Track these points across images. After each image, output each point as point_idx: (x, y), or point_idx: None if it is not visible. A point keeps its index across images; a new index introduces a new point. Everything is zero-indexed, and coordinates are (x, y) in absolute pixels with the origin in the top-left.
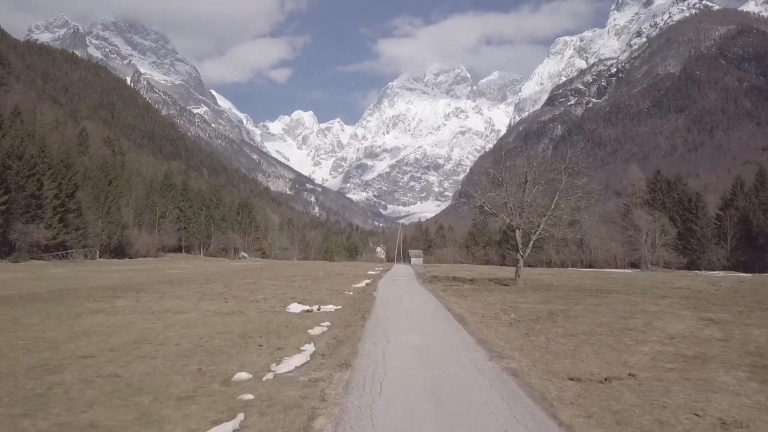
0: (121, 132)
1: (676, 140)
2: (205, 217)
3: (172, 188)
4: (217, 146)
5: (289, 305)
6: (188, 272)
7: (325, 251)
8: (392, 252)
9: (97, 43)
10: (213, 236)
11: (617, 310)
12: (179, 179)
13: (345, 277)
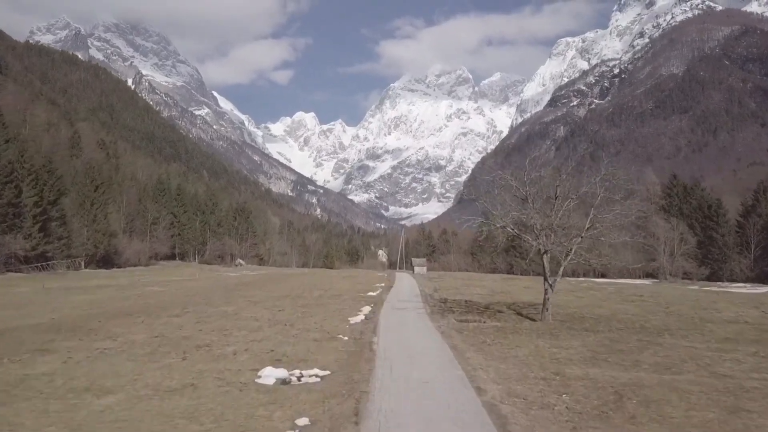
0: (120, 134)
1: (680, 141)
2: (200, 222)
3: (166, 193)
4: (219, 148)
5: (262, 369)
6: (169, 291)
7: (325, 256)
8: (394, 255)
9: (98, 45)
10: (208, 243)
11: (704, 385)
12: (174, 183)
13: (341, 301)
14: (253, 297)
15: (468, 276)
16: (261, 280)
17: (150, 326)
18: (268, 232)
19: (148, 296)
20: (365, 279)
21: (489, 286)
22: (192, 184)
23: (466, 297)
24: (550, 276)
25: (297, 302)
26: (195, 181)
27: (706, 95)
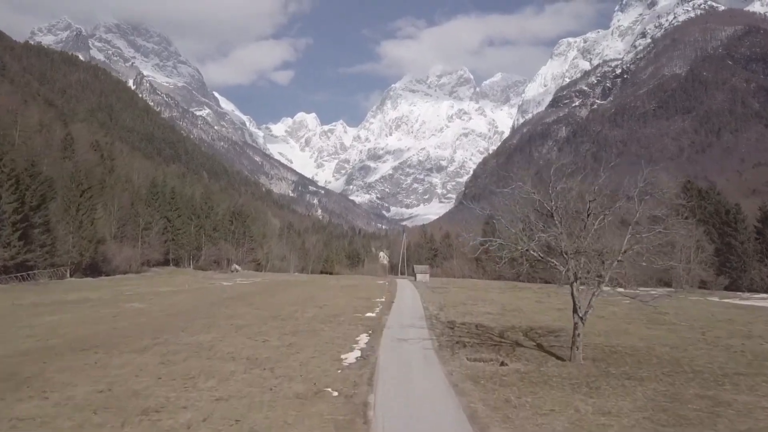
0: (118, 135)
1: (683, 142)
2: (194, 227)
3: (159, 196)
4: (220, 148)
5: None
6: (149, 310)
7: (325, 260)
8: (395, 258)
9: (99, 46)
10: (204, 248)
11: None
12: (171, 185)
13: (336, 326)
14: (238, 318)
15: (473, 285)
16: (252, 293)
17: (102, 370)
18: (267, 236)
19: (124, 316)
20: (365, 290)
21: (498, 300)
22: (190, 187)
23: (476, 317)
24: (580, 308)
25: (285, 327)
26: (193, 183)
27: (710, 95)
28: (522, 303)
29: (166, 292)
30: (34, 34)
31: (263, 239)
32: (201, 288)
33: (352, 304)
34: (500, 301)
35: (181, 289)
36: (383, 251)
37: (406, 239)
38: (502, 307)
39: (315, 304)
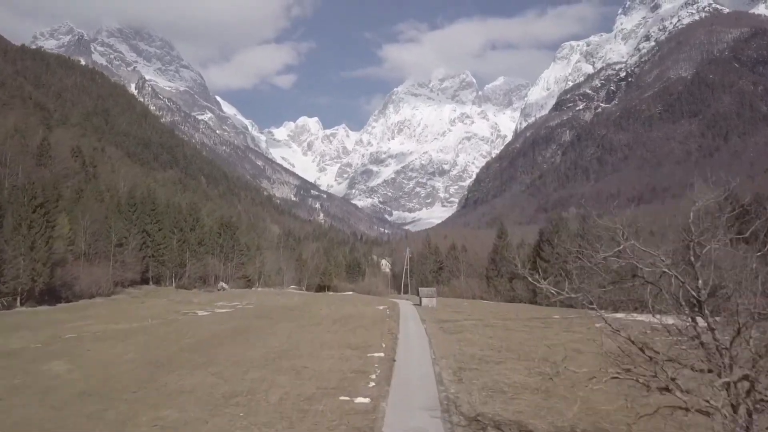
0: (113, 140)
1: (690, 146)
2: (177, 241)
3: (138, 207)
4: (222, 152)
5: None
6: (67, 377)
7: (322, 273)
8: (398, 266)
9: (102, 50)
10: (188, 264)
11: None
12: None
13: (314, 425)
14: (169, 407)
15: (488, 312)
16: (221, 337)
17: None
18: (262, 247)
19: (22, 390)
20: (362, 332)
21: (528, 341)
22: (180, 194)
23: (510, 400)
24: None
25: (237, 425)
26: (184, 191)
27: (716, 98)
28: (555, 335)
29: (117, 332)
30: (36, 38)
31: (257, 251)
32: (166, 323)
33: (341, 368)
34: (531, 343)
35: (142, 324)
36: (385, 259)
37: (409, 255)
38: (544, 358)
39: (293, 364)
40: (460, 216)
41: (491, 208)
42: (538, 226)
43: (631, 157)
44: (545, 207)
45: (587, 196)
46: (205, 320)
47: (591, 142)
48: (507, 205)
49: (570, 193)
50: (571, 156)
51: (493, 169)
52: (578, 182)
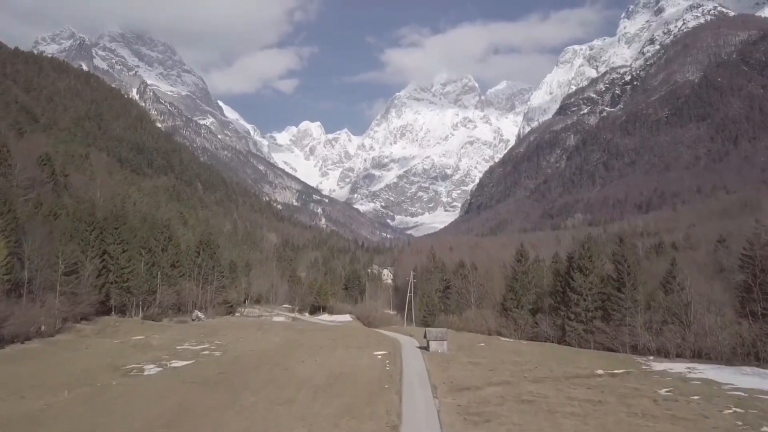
0: (105, 145)
1: (698, 150)
2: (146, 264)
3: (96, 227)
4: (223, 157)
5: None
6: None
7: (317, 293)
8: (400, 278)
9: (103, 55)
10: (158, 290)
11: None
12: (143, 204)
13: None
14: None
15: (515, 360)
16: None
17: None
18: (253, 262)
19: None
20: (350, 421)
21: None
22: (165, 206)
23: None
24: None
25: None
26: (177, 199)
27: (725, 102)
28: None
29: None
30: (37, 43)
31: (245, 268)
32: (85, 398)
33: None
34: None
35: (48, 403)
36: (387, 269)
37: (413, 279)
38: None
39: None
40: (463, 221)
41: (495, 214)
42: (545, 233)
43: (638, 162)
44: (551, 213)
45: (594, 202)
46: (141, 391)
47: (596, 147)
48: (511, 210)
49: (576, 198)
50: (577, 161)
51: (497, 174)
52: (584, 188)
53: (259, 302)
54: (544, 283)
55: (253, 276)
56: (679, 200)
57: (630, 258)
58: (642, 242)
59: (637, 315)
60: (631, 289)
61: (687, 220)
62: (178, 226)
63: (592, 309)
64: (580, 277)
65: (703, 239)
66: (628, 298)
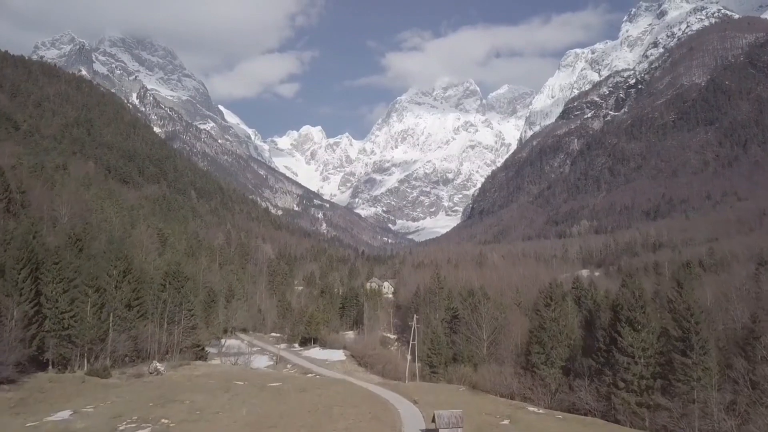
0: (92, 152)
1: (707, 155)
2: (93, 306)
3: (27, 263)
4: (224, 162)
5: None
6: None
7: (308, 322)
8: (402, 295)
9: (103, 60)
10: (110, 336)
11: None
12: (118, 221)
13: None
14: None
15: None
16: None
17: None
18: (236, 290)
19: None
20: None
21: None
22: (139, 225)
23: None
24: None
25: None
26: (167, 210)
27: (733, 105)
28: None
29: None
30: (37, 48)
31: (229, 295)
32: None
33: None
34: None
35: None
36: (388, 281)
37: (417, 324)
38: None
39: None
40: (465, 227)
41: (498, 220)
42: (551, 242)
43: (645, 167)
44: (555, 219)
45: (599, 208)
46: None
47: (601, 152)
48: (515, 216)
49: (581, 204)
50: (581, 166)
51: (499, 179)
52: (589, 193)
53: (245, 330)
54: (575, 333)
55: (238, 302)
56: (688, 207)
57: (694, 308)
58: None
59: (711, 389)
60: (700, 353)
61: (702, 229)
62: (154, 247)
63: (647, 376)
64: (630, 334)
65: (728, 255)
66: (698, 365)
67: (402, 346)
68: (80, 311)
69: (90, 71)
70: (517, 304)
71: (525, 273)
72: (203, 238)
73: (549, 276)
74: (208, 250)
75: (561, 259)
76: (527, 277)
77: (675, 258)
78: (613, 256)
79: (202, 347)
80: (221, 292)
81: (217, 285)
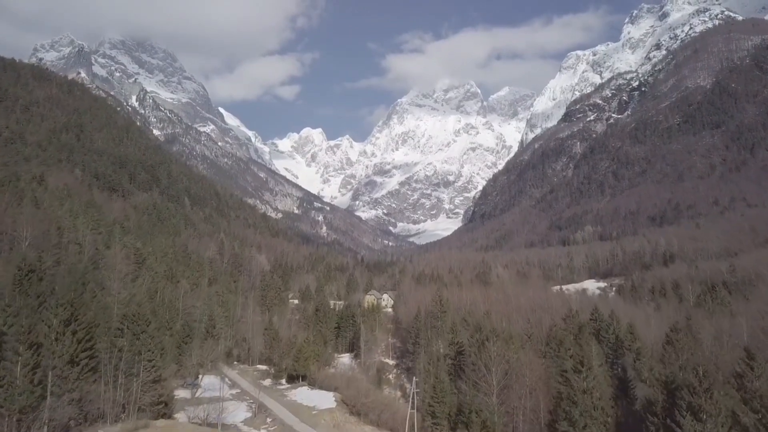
0: (80, 159)
1: (713, 159)
2: (24, 366)
3: None
4: (223, 165)
5: None
6: None
7: (296, 357)
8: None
9: (103, 62)
10: (47, 400)
11: None
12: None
13: None
14: None
15: None
16: None
17: None
18: (218, 322)
19: None
20: None
21: None
22: (114, 245)
23: None
24: None
25: None
26: (157, 221)
27: (740, 108)
28: None
29: None
30: (36, 50)
31: (210, 323)
32: None
33: None
34: None
35: None
36: (387, 293)
37: (415, 386)
38: None
39: None
40: (467, 231)
41: (500, 224)
42: (555, 249)
43: (650, 172)
44: (558, 224)
45: (604, 214)
46: None
47: (605, 155)
48: (517, 221)
49: (584, 209)
50: (584, 169)
51: (501, 182)
52: (593, 198)
53: (230, 356)
54: (608, 403)
55: (222, 329)
56: (695, 212)
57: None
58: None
59: None
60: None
61: (713, 238)
62: (130, 269)
63: None
64: (693, 425)
65: (752, 273)
66: None
67: (401, 374)
68: (8, 374)
69: (89, 73)
70: (528, 335)
71: (534, 296)
72: (193, 251)
73: (562, 303)
74: (197, 264)
75: (566, 268)
76: (536, 300)
77: (692, 274)
78: (621, 266)
79: (166, 403)
80: (202, 320)
81: (201, 309)
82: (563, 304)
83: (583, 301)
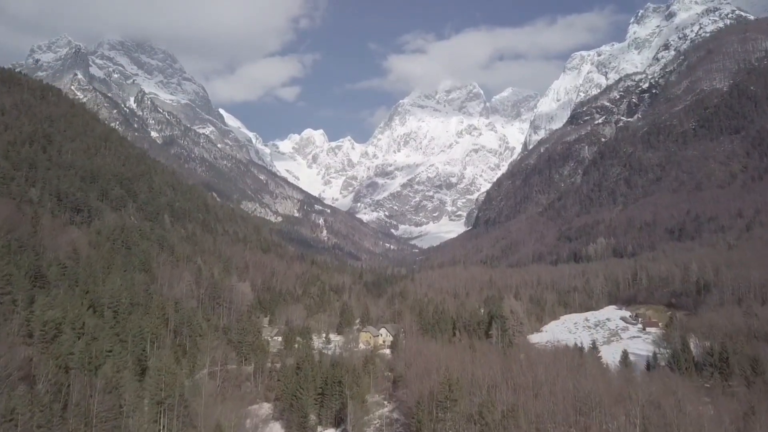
0: (42, 176)
1: (733, 167)
2: None
3: None
4: (222, 167)
5: None
6: None
7: None
8: (401, 366)
9: (100, 63)
10: None
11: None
12: None
13: None
14: None
15: None
16: None
17: None
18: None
19: None
20: None
21: None
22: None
23: None
24: None
25: None
26: (87, 265)
27: (760, 112)
28: None
29: None
30: (33, 51)
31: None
32: None
33: None
34: None
35: None
36: (385, 327)
37: None
38: None
39: None
40: (471, 237)
41: (506, 232)
42: (569, 266)
43: (665, 179)
44: (568, 235)
45: (617, 224)
46: None
47: (616, 161)
48: (523, 229)
49: (595, 219)
50: (594, 176)
51: (505, 187)
52: (604, 206)
53: None
54: None
55: None
56: (717, 226)
57: None
58: None
59: None
60: None
61: (750, 256)
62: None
63: None
64: None
65: None
66: None
67: None
68: None
69: (87, 75)
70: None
71: (570, 375)
72: (155, 291)
73: (606, 385)
74: (158, 309)
75: (583, 292)
76: (572, 378)
77: (752, 325)
78: (646, 292)
79: None
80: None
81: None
82: (607, 387)
83: (629, 380)
